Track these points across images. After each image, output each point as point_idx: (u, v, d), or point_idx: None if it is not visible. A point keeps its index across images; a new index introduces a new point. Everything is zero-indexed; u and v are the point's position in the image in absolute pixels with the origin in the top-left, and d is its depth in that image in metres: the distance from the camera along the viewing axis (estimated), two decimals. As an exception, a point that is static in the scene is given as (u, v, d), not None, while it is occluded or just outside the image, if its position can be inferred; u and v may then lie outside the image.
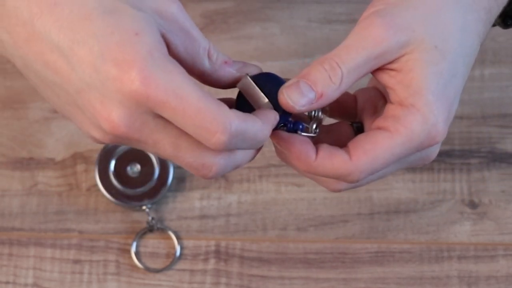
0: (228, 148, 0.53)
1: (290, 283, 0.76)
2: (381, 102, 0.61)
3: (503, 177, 0.79)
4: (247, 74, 0.57)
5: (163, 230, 0.77)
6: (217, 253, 0.77)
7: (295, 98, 0.55)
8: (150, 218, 0.77)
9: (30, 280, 0.76)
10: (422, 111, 0.56)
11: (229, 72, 0.57)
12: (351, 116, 0.62)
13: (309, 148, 0.57)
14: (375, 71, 0.57)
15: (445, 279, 0.76)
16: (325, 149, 0.57)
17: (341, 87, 0.56)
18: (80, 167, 0.79)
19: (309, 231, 0.77)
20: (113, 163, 0.78)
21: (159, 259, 0.77)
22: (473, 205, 0.78)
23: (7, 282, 0.76)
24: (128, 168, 0.78)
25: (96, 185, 0.78)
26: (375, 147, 0.56)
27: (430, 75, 0.56)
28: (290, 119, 0.57)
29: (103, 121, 0.52)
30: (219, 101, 0.52)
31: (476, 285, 0.76)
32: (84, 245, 0.77)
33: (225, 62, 0.57)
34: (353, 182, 0.58)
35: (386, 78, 0.57)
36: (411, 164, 0.60)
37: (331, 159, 0.56)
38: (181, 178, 0.78)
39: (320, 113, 0.58)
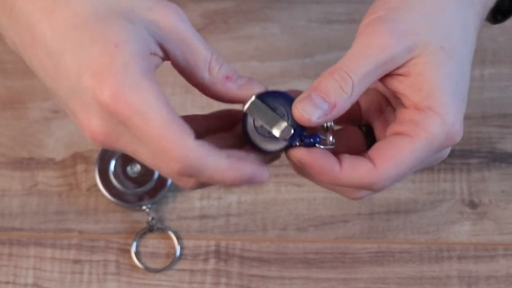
0: (187, 176, 0.53)
1: (290, 283, 0.76)
2: (384, 102, 0.61)
3: (503, 177, 0.79)
4: (254, 95, 0.56)
5: (163, 230, 0.77)
6: (217, 253, 0.77)
7: (310, 111, 0.55)
8: (150, 218, 0.77)
9: (30, 280, 0.76)
10: (439, 112, 0.56)
11: (229, 88, 0.56)
12: (356, 120, 0.62)
13: (332, 160, 0.56)
14: (383, 79, 0.57)
15: (445, 279, 0.76)
16: (348, 159, 0.56)
17: (353, 96, 0.56)
18: (80, 167, 0.79)
19: (309, 231, 0.77)
20: (113, 163, 0.78)
21: (159, 259, 0.77)
22: (473, 205, 0.78)
23: (7, 282, 0.76)
24: (128, 168, 0.78)
25: (96, 185, 0.78)
26: (397, 153, 0.56)
27: (441, 76, 0.56)
28: (304, 133, 0.57)
29: (85, 129, 0.54)
30: (184, 129, 0.51)
31: (476, 285, 0.76)
32: (84, 245, 0.77)
33: (227, 77, 0.56)
34: (377, 190, 0.57)
35: (395, 84, 0.57)
36: (427, 165, 0.60)
37: (356, 169, 0.56)
38: (181, 178, 0.78)
39: (333, 123, 0.58)
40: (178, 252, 0.77)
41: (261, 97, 0.56)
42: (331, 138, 0.57)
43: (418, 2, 0.57)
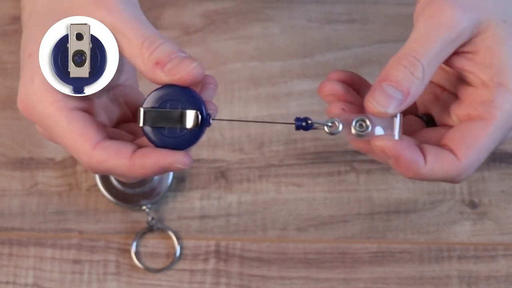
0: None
1: (290, 283, 0.76)
2: (439, 91, 0.60)
3: (503, 177, 0.78)
4: (140, 108, 0.55)
5: (163, 230, 0.77)
6: (217, 253, 0.77)
7: (384, 103, 0.53)
8: (150, 218, 0.77)
9: (30, 280, 0.76)
10: (511, 88, 0.54)
11: (157, 75, 0.54)
12: (412, 113, 0.61)
13: (418, 153, 0.54)
14: (448, 58, 0.56)
15: (445, 279, 0.76)
16: (432, 153, 0.55)
17: (425, 80, 0.54)
18: (80, 167, 0.79)
19: (309, 231, 0.77)
20: (113, 163, 0.78)
21: (159, 259, 0.77)
22: (473, 205, 0.78)
23: (7, 282, 0.76)
24: (128, 168, 0.78)
25: (96, 185, 0.78)
26: (478, 141, 0.54)
27: (510, 50, 0.55)
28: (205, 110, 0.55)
29: None
30: (84, 136, 0.54)
31: (476, 285, 0.76)
32: (84, 245, 0.77)
33: (157, 63, 0.54)
34: (459, 182, 0.56)
35: (462, 62, 0.56)
36: (500, 144, 0.58)
37: (440, 163, 0.54)
38: (181, 178, 0.78)
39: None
40: (178, 252, 0.77)
41: (151, 101, 0.55)
42: (398, 129, 0.55)
43: None
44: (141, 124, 0.55)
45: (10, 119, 0.80)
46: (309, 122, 0.55)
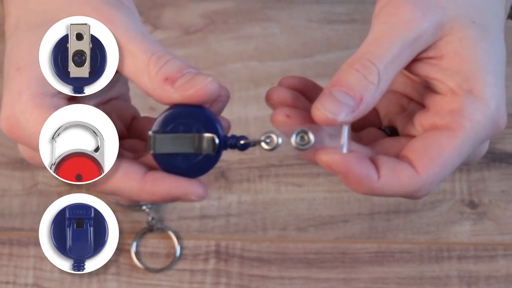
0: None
1: (290, 283, 0.76)
2: (405, 101, 0.56)
3: (503, 177, 0.79)
4: (151, 132, 0.50)
5: (163, 230, 0.77)
6: (217, 253, 0.77)
7: (333, 109, 0.47)
8: (150, 218, 0.77)
9: (30, 280, 0.76)
10: (482, 96, 0.49)
11: (167, 91, 0.49)
12: (374, 126, 0.57)
13: (369, 166, 0.48)
14: (410, 65, 0.50)
15: (445, 279, 0.76)
16: (387, 166, 0.49)
17: (381, 86, 0.48)
18: (80, 167, 0.79)
19: (309, 231, 0.77)
20: (113, 163, 0.78)
21: (159, 259, 0.77)
22: (473, 205, 0.78)
23: (7, 282, 0.76)
24: (128, 168, 0.78)
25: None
26: (441, 153, 0.48)
27: (481, 53, 0.49)
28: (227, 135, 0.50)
29: None
30: None
31: (476, 285, 0.76)
32: (84, 245, 0.77)
33: (166, 79, 0.49)
34: (419, 198, 0.50)
35: (427, 69, 0.50)
36: (468, 162, 0.53)
37: (397, 177, 0.48)
38: (181, 178, 0.78)
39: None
40: (178, 252, 0.77)
41: (161, 125, 0.50)
42: (346, 140, 0.49)
43: None
44: (152, 151, 0.50)
45: (10, 119, 0.80)
46: (242, 142, 0.50)
